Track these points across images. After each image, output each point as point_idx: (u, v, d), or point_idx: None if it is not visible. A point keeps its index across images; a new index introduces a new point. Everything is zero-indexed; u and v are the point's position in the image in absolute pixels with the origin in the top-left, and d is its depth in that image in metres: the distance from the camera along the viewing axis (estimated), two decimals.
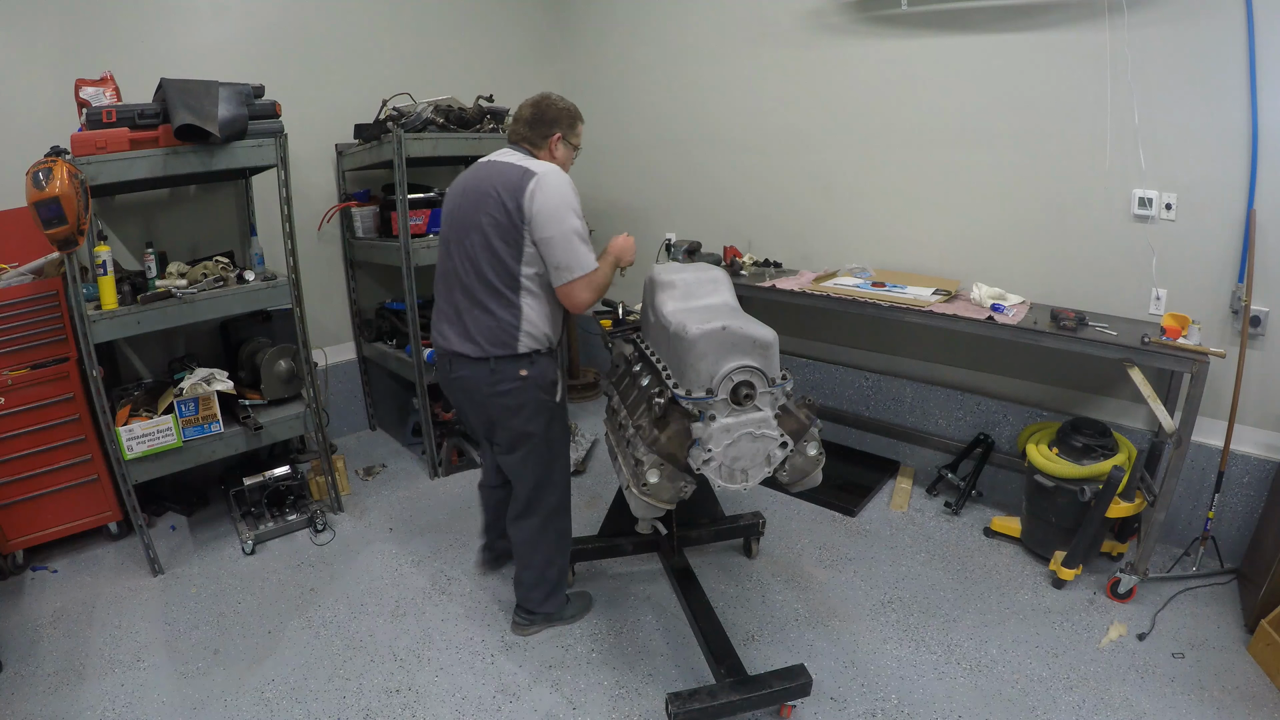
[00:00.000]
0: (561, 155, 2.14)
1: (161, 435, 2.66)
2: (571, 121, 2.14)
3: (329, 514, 3.16)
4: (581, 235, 1.98)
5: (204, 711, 2.10)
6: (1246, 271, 2.38)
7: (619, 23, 4.14)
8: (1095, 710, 2.01)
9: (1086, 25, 2.58)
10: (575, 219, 1.97)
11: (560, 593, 2.39)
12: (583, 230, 1.99)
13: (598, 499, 3.25)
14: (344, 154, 3.69)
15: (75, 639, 2.41)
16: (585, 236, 1.99)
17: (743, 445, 1.77)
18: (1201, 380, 2.19)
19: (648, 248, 4.16)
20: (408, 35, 3.84)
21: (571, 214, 1.97)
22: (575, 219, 1.97)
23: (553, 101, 2.14)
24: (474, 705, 2.11)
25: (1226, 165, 2.40)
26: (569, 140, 2.14)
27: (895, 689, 2.11)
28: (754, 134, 3.64)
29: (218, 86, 2.57)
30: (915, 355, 3.34)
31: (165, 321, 2.63)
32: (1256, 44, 2.27)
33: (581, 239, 1.98)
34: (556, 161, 2.10)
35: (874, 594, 2.55)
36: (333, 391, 3.87)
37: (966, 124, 2.94)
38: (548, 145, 2.12)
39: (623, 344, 2.44)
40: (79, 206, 2.26)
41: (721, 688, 1.94)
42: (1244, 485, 2.57)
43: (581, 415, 4.18)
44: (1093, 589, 2.51)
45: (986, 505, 3.08)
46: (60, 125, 2.65)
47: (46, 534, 2.77)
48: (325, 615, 2.52)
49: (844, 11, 3.17)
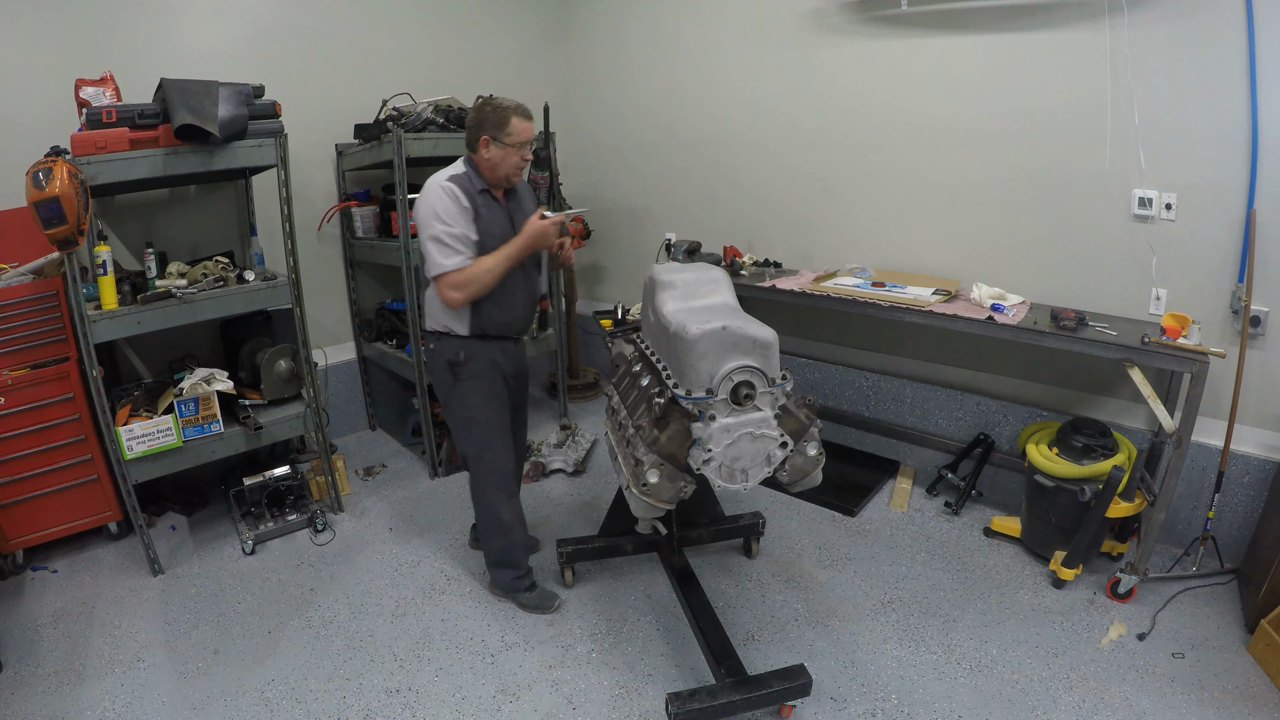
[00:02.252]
0: (494, 155, 2.19)
1: (161, 435, 2.66)
2: (499, 122, 2.16)
3: (329, 514, 3.16)
4: (440, 240, 2.12)
5: (204, 711, 2.10)
6: (1246, 271, 2.38)
7: (619, 23, 4.14)
8: (1095, 710, 2.01)
9: (1086, 25, 2.58)
10: (436, 225, 2.12)
11: (503, 573, 2.51)
12: (443, 235, 2.12)
13: (598, 499, 3.25)
14: (344, 154, 3.69)
15: (75, 639, 2.41)
16: (446, 241, 2.12)
17: (743, 445, 1.77)
18: (1201, 380, 2.19)
19: (648, 248, 4.17)
20: (408, 35, 3.84)
21: (434, 222, 2.12)
22: (436, 225, 2.12)
23: (483, 104, 2.21)
24: (474, 705, 2.11)
25: (1226, 165, 2.40)
26: (499, 140, 2.17)
27: (895, 689, 2.11)
28: (754, 134, 3.64)
29: (218, 86, 2.57)
30: (915, 355, 3.34)
31: (165, 321, 2.63)
32: (1256, 44, 2.27)
33: (438, 244, 2.13)
34: (489, 161, 2.20)
35: (874, 594, 2.55)
36: (333, 391, 3.87)
37: (967, 124, 2.94)
38: (479, 147, 2.20)
39: (623, 344, 2.44)
40: (79, 206, 2.26)
41: (721, 688, 1.94)
42: (1244, 485, 2.57)
43: (581, 415, 4.18)
44: (1093, 589, 2.51)
45: (986, 505, 3.08)
46: (60, 125, 2.65)
47: (46, 534, 2.77)
48: (325, 615, 2.52)
49: (844, 12, 3.17)
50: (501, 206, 2.29)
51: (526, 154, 2.22)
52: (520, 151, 2.20)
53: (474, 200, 2.18)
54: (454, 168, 2.24)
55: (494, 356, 2.33)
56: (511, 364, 2.42)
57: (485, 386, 2.34)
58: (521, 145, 2.20)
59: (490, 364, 2.33)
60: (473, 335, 2.29)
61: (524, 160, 2.23)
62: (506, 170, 2.22)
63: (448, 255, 2.13)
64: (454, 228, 2.13)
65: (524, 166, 2.26)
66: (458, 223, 2.13)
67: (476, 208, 2.18)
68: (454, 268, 2.13)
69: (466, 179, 2.20)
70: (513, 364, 2.43)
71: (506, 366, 2.39)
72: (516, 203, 2.37)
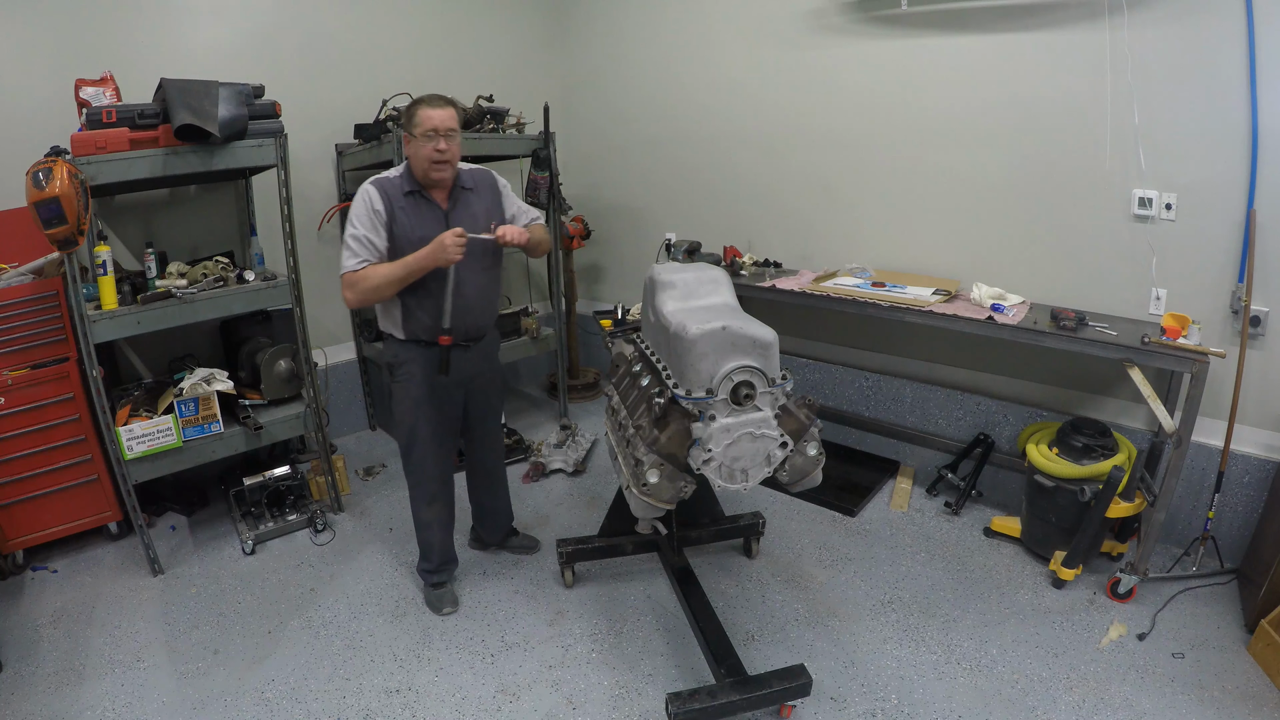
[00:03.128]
0: (411, 150, 2.17)
1: (161, 435, 2.66)
2: (409, 114, 2.16)
3: (329, 514, 3.16)
4: (345, 242, 2.14)
5: (204, 711, 2.10)
6: (1246, 271, 2.38)
7: (619, 23, 4.14)
8: (1095, 710, 2.01)
9: (1086, 25, 2.58)
10: (353, 225, 2.14)
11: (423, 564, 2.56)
12: (348, 237, 2.14)
13: (598, 499, 3.25)
14: (344, 154, 3.69)
15: (75, 639, 2.41)
16: (349, 243, 2.14)
17: (743, 445, 1.77)
18: (1201, 380, 2.19)
19: (648, 248, 4.16)
20: (408, 35, 3.84)
21: (352, 221, 2.15)
22: (353, 225, 2.14)
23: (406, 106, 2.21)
24: (474, 705, 2.11)
25: (1226, 165, 2.40)
26: (411, 133, 2.15)
27: (895, 689, 2.11)
28: (754, 134, 3.64)
29: (218, 86, 2.57)
30: (915, 355, 3.34)
31: (165, 321, 2.63)
32: (1256, 44, 2.27)
33: (344, 245, 2.15)
34: (412, 158, 2.18)
35: (874, 594, 2.55)
36: (333, 391, 3.87)
37: (967, 124, 2.94)
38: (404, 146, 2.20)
39: (623, 344, 2.44)
40: (79, 206, 2.26)
41: (721, 688, 1.94)
42: (1244, 485, 2.57)
43: (581, 415, 4.18)
44: (1093, 589, 2.51)
45: (986, 505, 3.08)
46: (60, 125, 2.65)
47: (46, 534, 2.77)
48: (325, 615, 2.52)
49: (844, 11, 3.17)
50: (436, 209, 2.21)
51: (440, 144, 2.11)
52: (432, 142, 2.11)
53: (392, 203, 2.15)
54: (394, 169, 2.25)
55: (431, 362, 2.26)
56: (458, 372, 2.32)
57: (415, 391, 2.31)
58: (430, 134, 2.11)
59: (424, 370, 2.29)
60: (408, 340, 2.28)
61: (437, 151, 2.12)
62: (422, 164, 2.14)
63: (347, 256, 2.14)
64: (358, 230, 2.13)
65: (442, 159, 2.14)
66: (363, 225, 2.13)
67: (393, 211, 2.15)
68: (347, 269, 2.14)
69: (394, 180, 2.19)
70: (460, 372, 2.33)
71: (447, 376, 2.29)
72: (465, 208, 2.26)
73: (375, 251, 2.15)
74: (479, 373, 2.44)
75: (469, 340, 2.33)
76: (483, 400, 2.52)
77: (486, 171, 2.38)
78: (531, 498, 3.29)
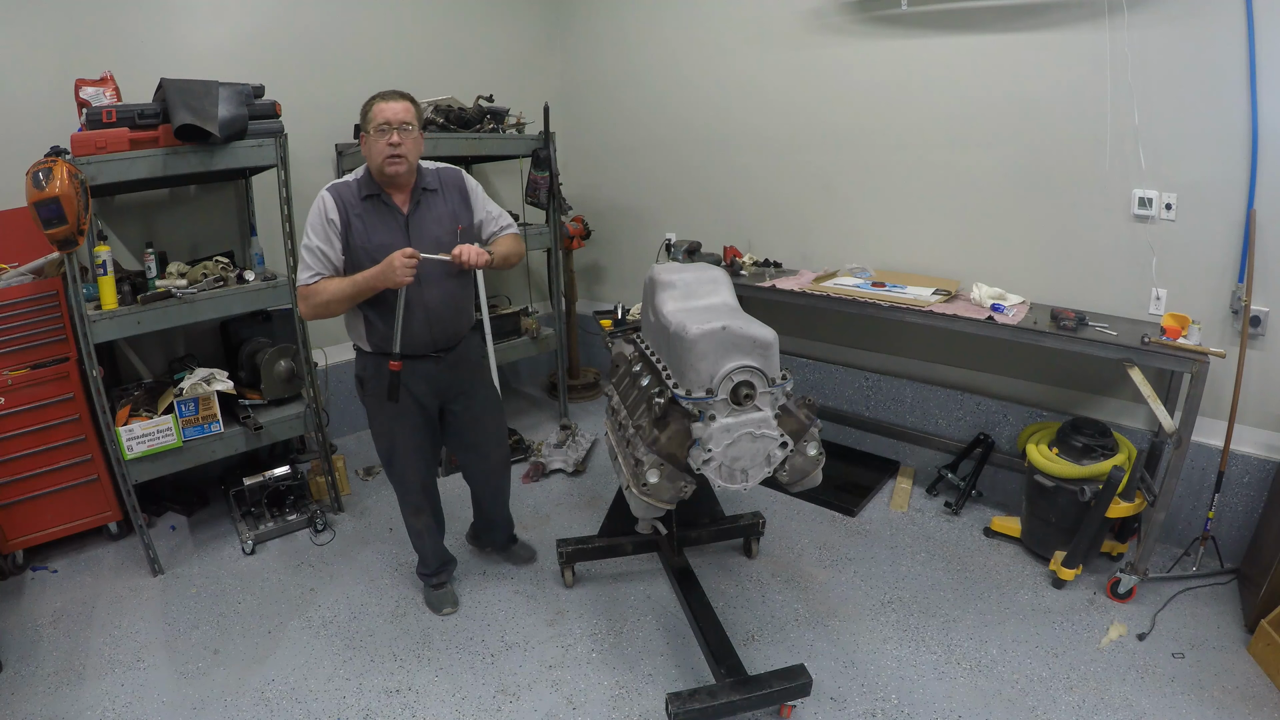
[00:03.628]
0: (366, 148, 2.06)
1: (161, 435, 2.66)
2: (365, 111, 2.06)
3: (329, 514, 3.16)
4: (305, 250, 2.06)
5: (204, 711, 2.10)
6: (1246, 271, 2.38)
7: (619, 23, 4.14)
8: (1095, 710, 2.01)
9: (1086, 25, 2.58)
10: (306, 235, 2.06)
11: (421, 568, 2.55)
12: (303, 248, 2.06)
13: (598, 499, 3.25)
14: (344, 154, 3.68)
15: (75, 639, 2.41)
16: (303, 254, 2.06)
17: (743, 445, 1.77)
18: (1201, 380, 2.19)
19: (648, 248, 4.16)
20: (408, 35, 3.84)
21: (306, 230, 2.07)
22: (306, 235, 2.06)
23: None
24: (474, 705, 2.11)
25: (1226, 165, 2.40)
26: (365, 129, 2.05)
27: (895, 689, 2.11)
28: (754, 133, 3.63)
29: (218, 86, 2.57)
30: (915, 355, 3.34)
31: (165, 321, 2.63)
32: (1256, 44, 2.27)
33: (302, 254, 2.07)
34: (365, 154, 2.07)
35: (874, 594, 2.55)
36: (333, 391, 3.87)
37: (966, 124, 2.94)
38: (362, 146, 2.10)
39: (623, 344, 2.44)
40: (79, 206, 2.26)
41: (721, 688, 1.94)
42: (1244, 485, 2.57)
43: (581, 415, 4.18)
44: (1093, 589, 2.51)
45: (986, 505, 3.08)
46: (60, 125, 2.65)
47: (46, 534, 2.77)
48: (325, 615, 2.52)
49: (844, 11, 3.17)
50: (396, 213, 2.09)
51: (393, 138, 1.99)
52: (385, 136, 1.99)
53: (347, 210, 2.04)
54: (354, 172, 2.14)
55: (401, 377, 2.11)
56: (425, 384, 2.22)
57: (388, 406, 2.18)
58: (383, 128, 1.99)
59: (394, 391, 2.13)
60: (374, 352, 2.19)
61: (390, 145, 1.99)
62: (376, 160, 2.02)
63: (300, 268, 2.07)
64: (311, 240, 2.04)
65: (396, 157, 2.00)
66: (316, 236, 2.04)
67: (348, 218, 2.04)
68: (300, 282, 2.07)
69: (351, 184, 2.08)
70: (428, 384, 2.22)
71: (418, 386, 2.21)
72: (428, 210, 2.13)
73: (328, 264, 2.05)
74: (452, 384, 2.30)
75: (439, 351, 2.21)
76: (465, 413, 2.37)
77: (455, 170, 2.24)
78: (531, 498, 3.29)
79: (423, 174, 2.15)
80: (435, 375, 2.24)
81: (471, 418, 2.40)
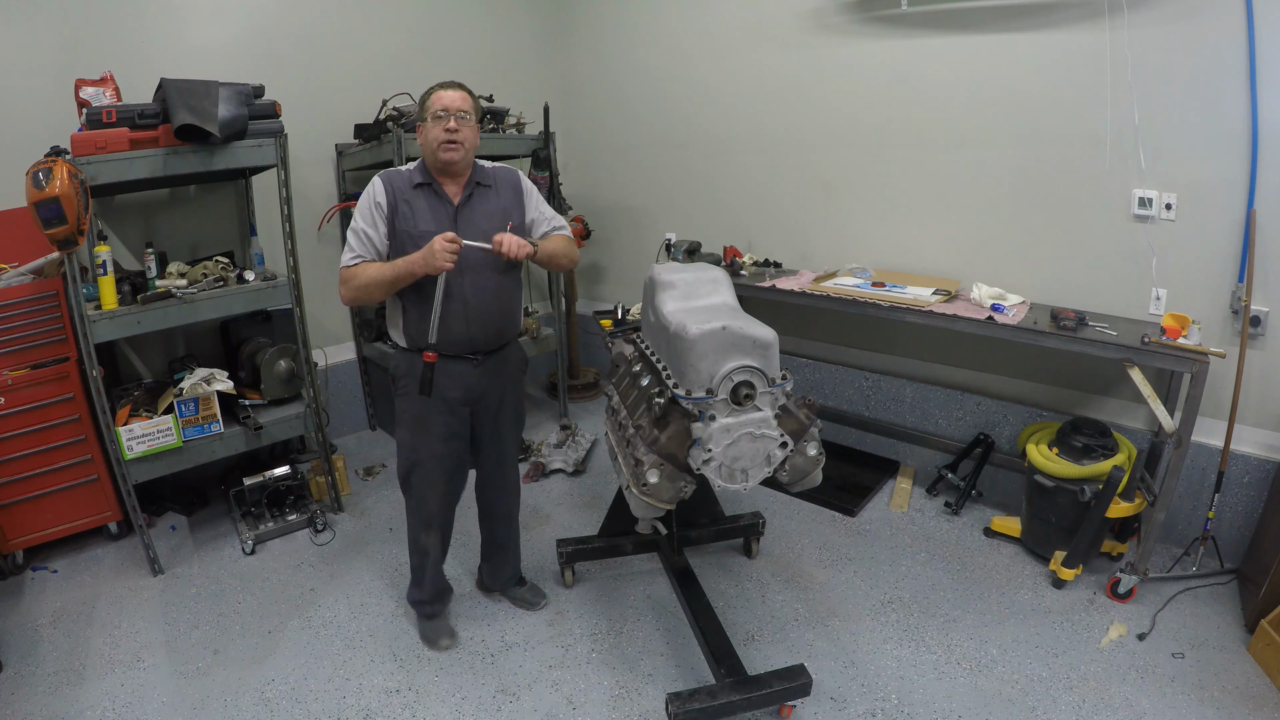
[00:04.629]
0: (423, 137, 2.04)
1: (161, 435, 2.66)
2: (424, 100, 2.05)
3: (329, 514, 3.16)
4: (351, 232, 2.04)
5: (204, 711, 2.10)
6: (1246, 271, 2.38)
7: (619, 22, 4.14)
8: (1095, 710, 2.01)
9: (1086, 25, 2.58)
10: (355, 219, 2.04)
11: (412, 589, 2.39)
12: (357, 228, 2.03)
13: (598, 499, 3.25)
14: (344, 154, 3.69)
15: (75, 639, 2.41)
16: (349, 237, 2.04)
17: (743, 445, 1.77)
18: (1201, 380, 2.19)
19: (648, 248, 4.16)
20: (408, 35, 3.84)
21: (355, 213, 2.05)
22: (355, 219, 2.04)
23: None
24: (474, 705, 2.11)
25: (1226, 165, 2.40)
26: (423, 117, 2.03)
27: (895, 689, 2.11)
28: (754, 134, 3.64)
29: (218, 86, 2.57)
30: (915, 355, 3.34)
31: (165, 321, 2.63)
32: (1256, 44, 2.27)
33: (348, 236, 2.05)
34: (424, 145, 2.04)
35: (874, 594, 2.55)
36: (333, 391, 3.87)
37: (966, 124, 2.94)
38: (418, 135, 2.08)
39: (623, 344, 2.44)
40: (79, 206, 2.26)
41: (721, 688, 1.94)
42: (1244, 485, 2.57)
43: (581, 415, 4.18)
44: (1093, 589, 2.51)
45: (986, 505, 3.08)
46: (60, 125, 2.65)
47: (46, 534, 2.77)
48: (325, 615, 2.52)
49: (844, 12, 3.17)
50: (446, 203, 2.05)
51: (450, 123, 1.97)
52: (442, 122, 1.97)
53: (396, 195, 2.02)
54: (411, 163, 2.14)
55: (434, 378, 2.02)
56: (460, 389, 2.11)
57: (416, 408, 2.11)
58: (441, 114, 1.98)
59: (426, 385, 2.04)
60: (410, 349, 2.11)
61: (447, 130, 1.97)
62: (431, 146, 2.00)
63: (345, 250, 2.05)
64: (357, 223, 2.02)
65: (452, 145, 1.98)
66: (363, 219, 2.02)
67: (396, 203, 2.01)
68: (343, 263, 2.04)
69: (404, 173, 2.08)
70: (463, 389, 2.11)
71: (452, 391, 2.09)
72: (480, 204, 2.08)
73: (371, 248, 2.02)
74: (488, 391, 2.17)
75: (476, 353, 2.09)
76: (491, 425, 2.23)
77: (511, 170, 2.19)
78: (531, 498, 3.29)
79: (479, 169, 2.12)
80: (471, 379, 2.11)
81: (496, 434, 2.27)
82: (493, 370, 2.16)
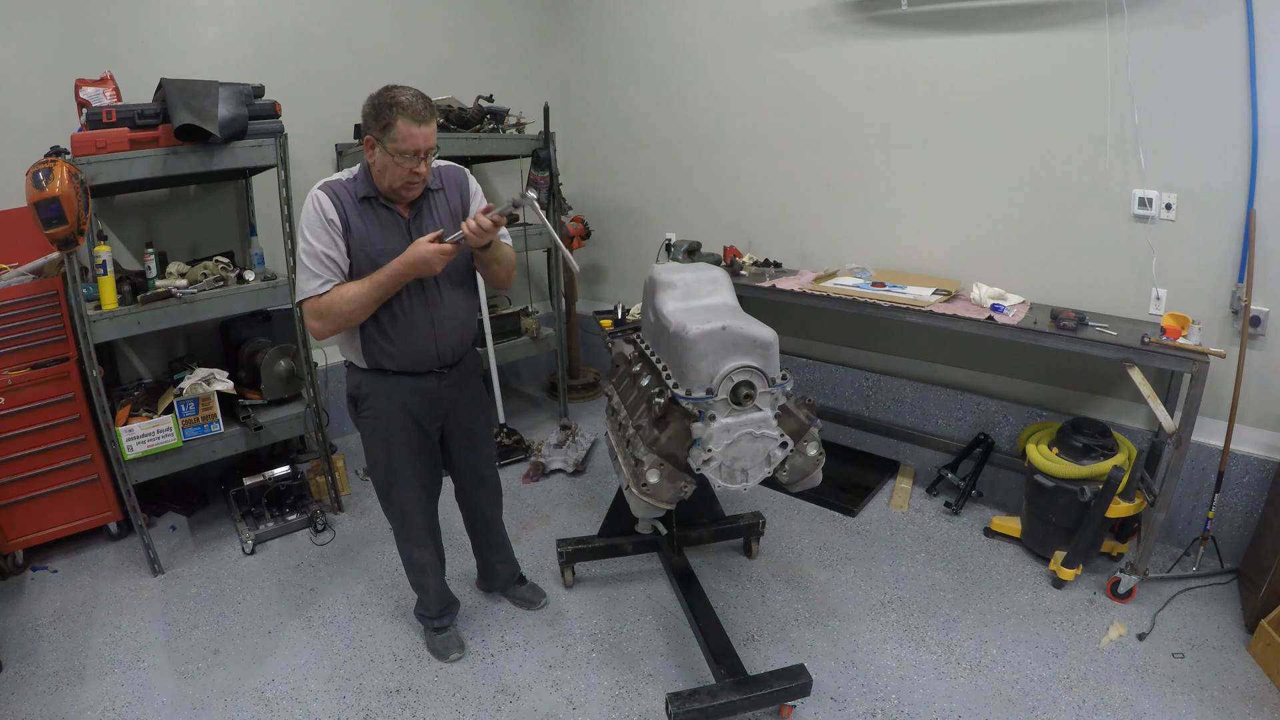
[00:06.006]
0: (377, 161, 1.81)
1: (161, 435, 2.66)
2: (384, 123, 1.74)
3: (329, 514, 3.16)
4: (301, 260, 1.84)
5: (204, 711, 2.10)
6: (1246, 271, 2.38)
7: (619, 23, 4.14)
8: (1095, 710, 2.01)
9: (1086, 25, 2.58)
10: (300, 242, 1.84)
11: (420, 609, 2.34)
12: (303, 254, 1.83)
13: (598, 499, 3.25)
14: (344, 154, 3.68)
15: (75, 639, 2.41)
16: (306, 262, 1.82)
17: (743, 445, 1.77)
18: (1201, 380, 2.19)
19: (648, 248, 4.16)
20: (407, 35, 3.84)
21: (304, 234, 1.83)
22: (300, 242, 1.84)
23: (378, 94, 1.78)
24: (474, 705, 2.11)
25: (1226, 165, 2.40)
26: (382, 144, 1.77)
27: (895, 689, 2.11)
28: (754, 134, 3.64)
29: (218, 86, 2.57)
30: (915, 355, 3.34)
31: (165, 321, 2.63)
32: (1256, 44, 2.27)
33: (300, 264, 1.84)
34: (375, 167, 1.83)
35: (874, 594, 2.55)
36: (333, 391, 3.86)
37: (966, 124, 2.93)
38: (365, 147, 1.83)
39: (623, 344, 2.44)
40: (79, 206, 2.26)
41: (721, 688, 1.94)
42: (1244, 485, 2.57)
43: (581, 415, 4.18)
44: (1093, 589, 2.51)
45: (986, 505, 3.08)
46: (60, 125, 2.65)
47: (46, 534, 2.77)
48: (325, 615, 2.52)
49: (844, 11, 3.17)
50: (397, 217, 1.90)
51: (418, 166, 1.79)
52: (409, 163, 1.77)
53: (344, 210, 1.83)
54: (345, 171, 1.92)
55: (401, 396, 1.99)
56: (427, 404, 2.05)
57: (385, 428, 2.03)
58: (409, 156, 1.76)
59: (394, 404, 2.00)
60: (371, 369, 1.98)
61: (414, 174, 1.80)
62: (391, 182, 1.83)
63: (306, 279, 1.83)
64: (314, 245, 1.81)
65: (416, 182, 1.84)
66: (320, 239, 1.81)
67: (347, 218, 1.83)
68: (311, 293, 1.83)
69: (347, 184, 1.87)
70: (429, 404, 2.05)
71: (420, 408, 2.04)
72: (429, 213, 1.94)
73: (336, 269, 1.84)
74: (456, 403, 2.13)
75: (443, 367, 2.05)
76: (464, 435, 2.20)
77: (459, 169, 2.06)
78: (531, 498, 3.29)
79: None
80: (438, 394, 2.07)
81: (468, 442, 2.23)
82: (458, 381, 2.12)
